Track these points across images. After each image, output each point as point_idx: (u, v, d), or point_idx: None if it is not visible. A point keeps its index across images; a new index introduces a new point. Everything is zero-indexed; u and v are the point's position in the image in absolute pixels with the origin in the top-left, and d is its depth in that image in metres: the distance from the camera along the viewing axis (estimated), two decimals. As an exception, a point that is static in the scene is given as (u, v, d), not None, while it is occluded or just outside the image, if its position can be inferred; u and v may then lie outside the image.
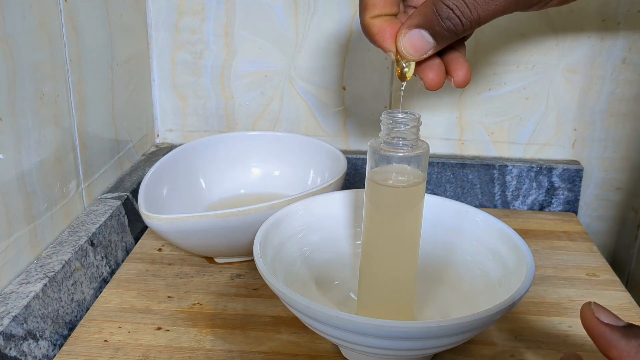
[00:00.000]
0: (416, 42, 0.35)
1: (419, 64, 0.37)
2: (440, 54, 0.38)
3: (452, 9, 0.34)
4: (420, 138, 0.40)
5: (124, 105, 0.63)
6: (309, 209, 0.50)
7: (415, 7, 0.39)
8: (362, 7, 0.37)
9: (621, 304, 0.51)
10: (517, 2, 0.34)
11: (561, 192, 0.68)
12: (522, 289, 0.38)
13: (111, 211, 0.56)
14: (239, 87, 0.70)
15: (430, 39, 0.35)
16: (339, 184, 0.55)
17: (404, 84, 0.38)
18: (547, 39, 0.65)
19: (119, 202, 0.58)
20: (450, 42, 0.36)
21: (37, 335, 0.43)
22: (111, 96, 0.60)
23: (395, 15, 0.38)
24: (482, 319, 0.35)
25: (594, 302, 0.30)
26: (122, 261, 0.57)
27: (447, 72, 0.38)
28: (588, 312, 0.29)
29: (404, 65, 0.37)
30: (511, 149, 0.69)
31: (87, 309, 0.50)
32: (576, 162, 0.68)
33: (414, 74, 0.38)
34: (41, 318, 0.44)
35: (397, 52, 0.37)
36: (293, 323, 0.47)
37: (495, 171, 0.68)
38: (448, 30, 0.35)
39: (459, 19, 0.34)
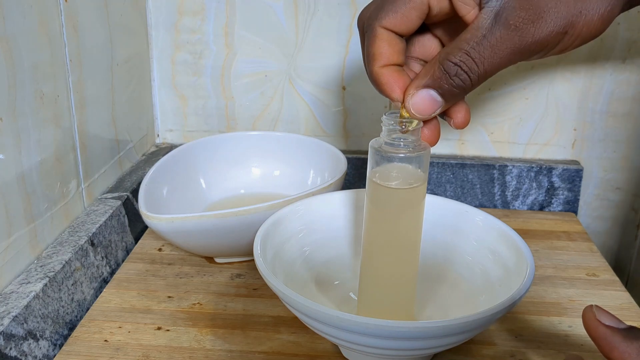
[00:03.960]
0: (426, 102, 0.36)
1: None
2: None
3: (459, 66, 0.35)
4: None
5: (124, 105, 0.63)
6: (309, 209, 0.50)
7: (416, 58, 0.40)
8: (370, 58, 0.38)
9: (621, 304, 0.51)
10: (521, 54, 0.35)
11: (561, 192, 0.68)
12: (522, 289, 0.38)
13: (111, 211, 0.56)
14: (239, 87, 0.70)
15: (438, 98, 0.36)
16: (339, 184, 0.55)
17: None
18: (547, 39, 0.65)
19: (119, 202, 0.58)
20: (458, 99, 0.37)
21: (38, 335, 0.43)
22: (111, 96, 0.60)
23: (401, 65, 0.38)
24: (482, 319, 0.35)
25: (596, 305, 0.31)
26: (122, 261, 0.57)
27: (447, 114, 0.39)
28: (590, 315, 0.30)
29: (407, 118, 0.38)
30: (511, 149, 0.69)
31: (87, 309, 0.50)
32: (576, 162, 0.68)
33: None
34: (41, 318, 0.44)
35: (406, 110, 0.37)
36: (293, 323, 0.47)
37: (495, 171, 0.68)
38: (457, 87, 0.36)
39: (467, 74, 0.35)
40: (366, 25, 0.38)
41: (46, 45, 0.48)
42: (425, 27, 0.40)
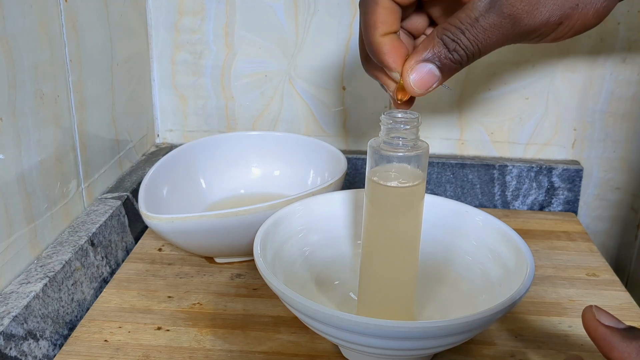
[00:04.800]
0: (425, 77, 0.37)
1: None
2: None
3: (457, 42, 0.36)
4: (420, 138, 0.40)
5: (124, 105, 0.63)
6: (309, 209, 0.50)
7: (407, 30, 0.41)
8: (370, 25, 0.37)
9: (621, 304, 0.51)
10: (514, 39, 0.36)
11: (561, 192, 0.68)
12: (522, 289, 0.38)
13: (111, 211, 0.56)
14: (239, 87, 0.70)
15: (437, 72, 0.37)
16: (339, 184, 0.55)
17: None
18: (547, 39, 0.65)
19: (119, 202, 0.58)
20: (452, 74, 0.38)
21: (38, 335, 0.43)
22: (111, 96, 0.60)
23: (397, 32, 0.39)
24: (482, 319, 0.35)
25: (595, 306, 0.31)
26: (122, 261, 0.57)
27: None
28: (590, 315, 0.30)
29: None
30: (511, 149, 0.69)
31: (87, 309, 0.50)
32: (576, 162, 0.68)
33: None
34: (41, 318, 0.44)
35: (404, 86, 0.37)
36: (293, 323, 0.47)
37: (495, 171, 0.68)
38: (455, 61, 0.36)
39: (464, 50, 0.36)
40: None
41: (46, 45, 0.48)
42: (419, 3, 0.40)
